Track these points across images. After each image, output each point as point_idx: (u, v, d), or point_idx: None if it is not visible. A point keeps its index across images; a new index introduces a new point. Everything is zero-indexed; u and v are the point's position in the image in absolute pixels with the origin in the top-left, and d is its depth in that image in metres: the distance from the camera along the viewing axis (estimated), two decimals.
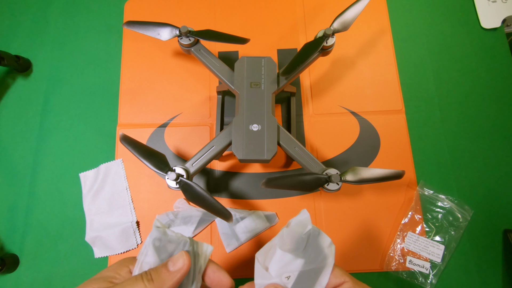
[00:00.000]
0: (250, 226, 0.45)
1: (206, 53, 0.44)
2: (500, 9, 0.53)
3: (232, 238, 0.45)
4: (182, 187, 0.37)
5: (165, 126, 0.51)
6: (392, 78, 0.51)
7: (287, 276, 0.28)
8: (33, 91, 0.54)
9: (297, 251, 0.29)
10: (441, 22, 0.54)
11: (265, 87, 0.41)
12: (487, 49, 0.52)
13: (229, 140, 0.40)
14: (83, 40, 0.56)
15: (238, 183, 0.48)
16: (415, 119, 0.50)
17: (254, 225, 0.45)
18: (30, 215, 0.48)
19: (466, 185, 0.47)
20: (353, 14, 0.41)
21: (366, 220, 0.46)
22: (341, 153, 0.49)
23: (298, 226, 0.29)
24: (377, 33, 0.53)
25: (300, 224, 0.29)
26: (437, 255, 0.44)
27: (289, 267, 0.28)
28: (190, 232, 0.45)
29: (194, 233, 0.46)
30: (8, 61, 0.51)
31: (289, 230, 0.29)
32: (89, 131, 0.51)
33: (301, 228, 0.29)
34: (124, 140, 0.39)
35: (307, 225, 0.29)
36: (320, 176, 0.37)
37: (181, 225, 0.46)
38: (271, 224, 0.46)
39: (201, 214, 0.46)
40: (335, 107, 0.51)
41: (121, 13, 0.56)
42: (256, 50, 0.53)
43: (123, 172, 0.49)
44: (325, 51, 0.42)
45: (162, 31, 0.44)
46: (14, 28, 0.57)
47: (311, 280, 0.28)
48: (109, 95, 0.53)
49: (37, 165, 0.50)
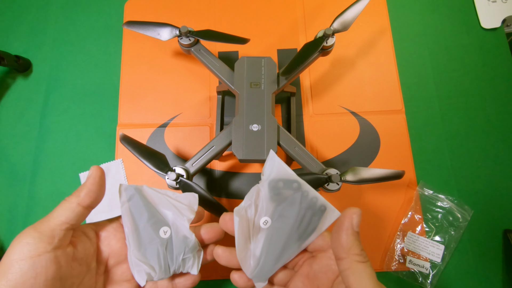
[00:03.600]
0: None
1: (206, 53, 0.44)
2: (500, 9, 0.53)
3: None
4: (182, 187, 0.37)
5: (165, 126, 0.51)
6: (392, 78, 0.52)
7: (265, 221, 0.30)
8: (33, 91, 0.54)
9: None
10: (441, 22, 0.54)
11: (265, 87, 0.41)
12: (487, 49, 0.52)
13: (229, 140, 0.40)
14: (83, 40, 0.56)
15: (238, 183, 0.48)
16: (415, 119, 0.50)
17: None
18: (30, 215, 0.48)
19: (466, 185, 0.47)
20: (353, 14, 0.41)
21: (366, 220, 0.46)
22: (341, 153, 0.49)
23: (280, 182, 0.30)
24: (377, 33, 0.53)
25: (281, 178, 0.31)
26: (437, 255, 0.44)
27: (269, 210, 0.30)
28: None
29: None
30: (8, 61, 0.51)
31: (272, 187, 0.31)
32: (89, 131, 0.51)
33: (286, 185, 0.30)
34: (124, 140, 0.39)
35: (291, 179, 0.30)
36: (320, 176, 0.37)
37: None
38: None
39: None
40: (335, 107, 0.51)
41: (121, 13, 0.56)
42: (256, 50, 0.53)
43: (123, 172, 0.49)
44: (325, 51, 0.42)
45: (162, 31, 0.44)
46: (14, 28, 0.57)
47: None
48: (109, 95, 0.53)
49: (37, 165, 0.50)
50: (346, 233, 0.25)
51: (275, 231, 0.29)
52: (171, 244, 0.30)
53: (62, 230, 0.27)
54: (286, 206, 0.30)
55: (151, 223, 0.30)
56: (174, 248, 0.30)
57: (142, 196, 0.31)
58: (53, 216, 0.27)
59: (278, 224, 0.30)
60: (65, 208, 0.28)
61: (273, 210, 0.30)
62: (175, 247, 0.30)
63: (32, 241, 0.25)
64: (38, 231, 0.26)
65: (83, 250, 0.28)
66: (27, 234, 0.26)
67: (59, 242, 0.26)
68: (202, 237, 0.32)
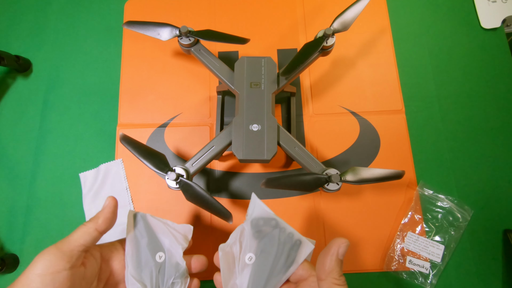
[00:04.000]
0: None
1: (206, 53, 0.44)
2: (500, 9, 0.53)
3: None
4: (182, 187, 0.37)
5: (165, 126, 0.51)
6: (392, 78, 0.52)
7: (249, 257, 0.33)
8: (33, 91, 0.54)
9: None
10: (441, 22, 0.54)
11: (265, 87, 0.41)
12: (487, 49, 0.52)
13: (229, 140, 0.40)
14: (83, 40, 0.56)
15: (238, 183, 0.48)
16: (415, 119, 0.50)
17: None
18: (30, 215, 0.48)
19: (466, 185, 0.47)
20: (353, 14, 0.41)
21: (366, 220, 0.46)
22: (341, 153, 0.49)
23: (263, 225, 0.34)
24: (377, 33, 0.53)
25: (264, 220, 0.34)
26: (437, 255, 0.44)
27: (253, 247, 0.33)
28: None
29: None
30: (8, 61, 0.51)
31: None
32: (89, 131, 0.51)
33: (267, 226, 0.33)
34: (124, 140, 0.39)
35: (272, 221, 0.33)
36: (320, 176, 0.37)
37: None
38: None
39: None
40: (335, 107, 0.51)
41: (121, 13, 0.56)
42: (256, 50, 0.53)
43: (123, 172, 0.49)
44: (325, 51, 0.42)
45: (162, 31, 0.44)
46: (14, 28, 0.57)
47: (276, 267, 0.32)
48: (109, 95, 0.53)
49: (37, 165, 0.50)
50: (331, 258, 0.28)
51: (259, 266, 0.32)
52: (164, 268, 0.34)
53: (79, 251, 0.30)
54: (267, 242, 0.33)
55: (150, 247, 0.34)
56: (166, 272, 0.34)
57: (146, 223, 0.35)
58: (73, 238, 0.30)
59: (261, 259, 0.32)
60: (83, 232, 0.31)
61: (256, 247, 0.33)
62: (167, 271, 0.34)
63: (54, 259, 0.29)
64: (60, 250, 0.29)
65: (90, 270, 0.31)
66: (49, 252, 0.29)
67: (75, 261, 0.30)
68: (191, 266, 0.36)
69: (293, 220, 0.47)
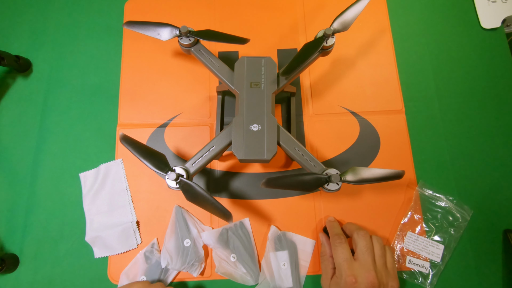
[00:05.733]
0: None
1: (206, 53, 0.44)
2: (500, 9, 0.53)
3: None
4: (182, 187, 0.37)
5: (165, 126, 0.51)
6: (392, 78, 0.52)
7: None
8: (33, 91, 0.54)
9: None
10: (441, 22, 0.54)
11: (265, 87, 0.41)
12: (487, 49, 0.52)
13: (229, 140, 0.40)
14: (83, 40, 0.56)
15: (238, 183, 0.48)
16: (415, 119, 0.50)
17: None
18: (30, 215, 0.48)
19: (466, 185, 0.47)
20: (353, 14, 0.41)
21: (366, 220, 0.46)
22: (341, 153, 0.49)
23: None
24: (377, 33, 0.53)
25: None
26: (436, 255, 0.44)
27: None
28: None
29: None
30: (8, 61, 0.51)
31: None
32: (89, 131, 0.51)
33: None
34: (124, 140, 0.39)
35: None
36: (320, 176, 0.37)
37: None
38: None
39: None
40: (335, 107, 0.51)
41: (121, 13, 0.56)
42: (256, 50, 0.53)
43: (123, 172, 0.49)
44: (325, 51, 0.42)
45: (162, 31, 0.44)
46: (14, 28, 0.57)
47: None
48: (109, 95, 0.53)
49: (37, 165, 0.50)
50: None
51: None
52: (188, 251, 0.45)
53: None
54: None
55: (182, 233, 0.45)
56: (189, 254, 0.44)
57: (182, 214, 0.46)
58: None
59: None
60: None
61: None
62: (189, 254, 0.44)
63: None
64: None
65: None
66: None
67: None
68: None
69: (293, 220, 0.47)
